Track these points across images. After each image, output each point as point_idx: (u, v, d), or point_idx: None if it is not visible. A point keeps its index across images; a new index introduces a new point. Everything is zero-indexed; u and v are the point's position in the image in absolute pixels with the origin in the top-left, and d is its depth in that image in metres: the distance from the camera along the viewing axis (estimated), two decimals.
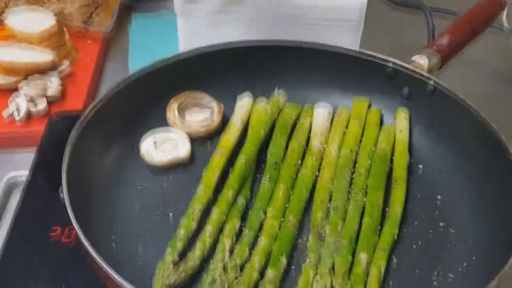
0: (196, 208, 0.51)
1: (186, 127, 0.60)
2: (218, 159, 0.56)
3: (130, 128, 0.59)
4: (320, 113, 0.63)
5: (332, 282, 0.46)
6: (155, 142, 0.57)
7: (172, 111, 0.61)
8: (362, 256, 0.47)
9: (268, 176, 0.55)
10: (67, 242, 0.53)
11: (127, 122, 0.59)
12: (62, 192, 0.49)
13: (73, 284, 0.49)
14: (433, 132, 0.59)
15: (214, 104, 0.63)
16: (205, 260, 0.48)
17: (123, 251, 0.49)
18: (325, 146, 0.59)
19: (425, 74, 0.58)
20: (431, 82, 0.58)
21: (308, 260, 0.48)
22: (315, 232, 0.50)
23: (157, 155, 0.57)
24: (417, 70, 0.59)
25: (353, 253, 0.48)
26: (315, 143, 0.59)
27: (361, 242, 0.49)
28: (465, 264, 0.49)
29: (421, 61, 0.59)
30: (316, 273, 0.46)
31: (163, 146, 0.58)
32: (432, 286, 0.48)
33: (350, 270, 0.47)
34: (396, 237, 0.50)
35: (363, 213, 0.52)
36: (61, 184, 0.49)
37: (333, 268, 0.47)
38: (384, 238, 0.50)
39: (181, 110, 0.62)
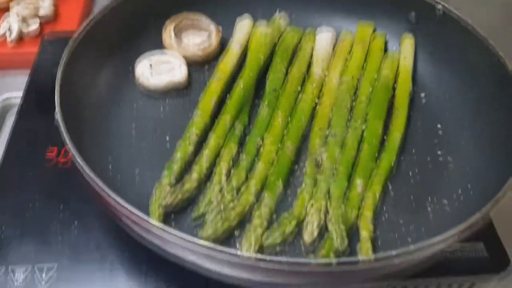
0: (192, 132, 0.50)
1: (182, 50, 0.58)
2: (215, 84, 0.54)
3: (125, 49, 0.57)
4: (323, 38, 0.61)
5: (326, 205, 0.46)
6: (150, 65, 0.56)
7: (168, 33, 0.59)
8: (358, 182, 0.47)
9: (266, 102, 0.54)
10: (63, 162, 0.53)
11: (121, 43, 0.57)
12: (56, 113, 0.49)
13: (70, 202, 0.49)
14: (439, 59, 0.58)
15: (212, 27, 0.61)
16: (202, 184, 0.48)
17: (119, 173, 0.49)
18: (326, 73, 0.58)
19: None
20: (439, 7, 0.56)
21: (304, 185, 0.48)
22: (312, 158, 0.50)
23: (152, 78, 0.55)
24: None
25: (350, 179, 0.48)
26: (316, 69, 0.58)
27: (358, 169, 0.49)
28: (460, 191, 0.49)
29: None
30: (311, 197, 0.47)
31: (159, 69, 0.56)
32: (426, 212, 0.48)
33: (345, 195, 0.47)
34: (393, 164, 0.50)
35: (361, 140, 0.51)
36: (55, 105, 0.49)
37: (328, 193, 0.47)
38: (381, 165, 0.49)
39: (178, 32, 0.60)
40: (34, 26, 0.74)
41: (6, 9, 0.75)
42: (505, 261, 0.46)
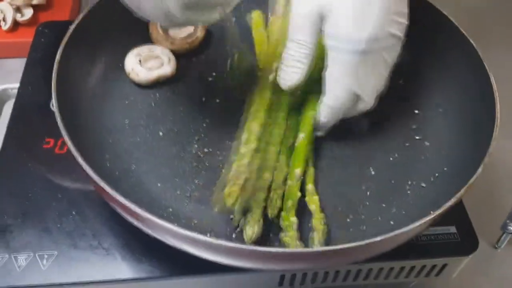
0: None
1: (170, 43, 0.60)
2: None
3: (116, 43, 0.58)
4: None
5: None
6: (140, 60, 0.58)
7: (154, 28, 0.60)
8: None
9: None
10: (59, 152, 0.55)
11: (113, 37, 0.58)
12: (53, 105, 0.50)
13: (68, 191, 0.52)
14: (415, 46, 0.59)
15: None
16: None
17: (116, 167, 0.51)
18: None
19: None
20: None
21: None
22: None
23: (142, 72, 0.57)
24: None
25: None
26: None
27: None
28: (437, 174, 0.51)
29: None
30: None
31: (148, 63, 0.58)
32: (405, 193, 0.51)
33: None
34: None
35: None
36: (51, 97, 0.50)
37: None
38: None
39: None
40: (28, 14, 0.75)
41: None
42: (475, 244, 0.49)
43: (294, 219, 0.46)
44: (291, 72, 0.50)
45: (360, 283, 0.51)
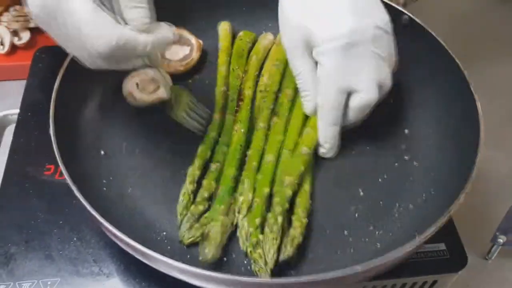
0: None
1: (166, 66, 0.61)
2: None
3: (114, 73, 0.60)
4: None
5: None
6: (137, 84, 0.59)
7: None
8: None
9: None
10: (60, 179, 0.57)
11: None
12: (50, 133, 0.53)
13: (69, 215, 0.54)
14: (405, 67, 0.61)
15: (194, 41, 0.64)
16: None
17: (112, 191, 0.53)
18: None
19: (399, 8, 0.59)
20: (406, 16, 0.59)
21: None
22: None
23: (139, 96, 0.58)
24: (392, 3, 0.59)
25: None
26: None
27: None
28: (424, 195, 0.53)
29: None
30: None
31: (145, 87, 0.59)
32: (393, 215, 0.52)
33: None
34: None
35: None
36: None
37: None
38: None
39: None
40: (25, 38, 0.77)
41: None
42: (464, 261, 0.51)
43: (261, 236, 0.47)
44: (305, 102, 0.55)
45: None
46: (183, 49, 0.64)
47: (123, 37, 0.45)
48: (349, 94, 0.51)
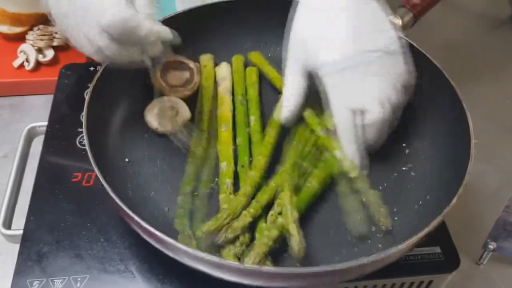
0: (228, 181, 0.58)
1: (174, 91, 0.66)
2: (226, 134, 0.63)
3: (135, 85, 0.66)
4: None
5: None
6: (157, 114, 0.63)
7: (156, 80, 0.65)
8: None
9: None
10: (87, 186, 0.62)
11: (132, 84, 0.66)
12: (80, 143, 0.59)
13: (96, 218, 0.59)
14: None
15: (192, 65, 0.68)
16: None
17: (137, 195, 0.58)
18: None
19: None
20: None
21: None
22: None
23: (168, 123, 0.62)
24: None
25: None
26: None
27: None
28: (420, 202, 0.58)
29: (395, 21, 0.64)
30: None
31: (166, 115, 0.63)
32: (393, 219, 0.57)
33: None
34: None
35: None
36: (76, 134, 0.60)
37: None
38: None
39: (163, 76, 0.67)
40: (49, 56, 0.82)
41: (21, 39, 0.84)
42: (457, 262, 0.56)
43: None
44: (283, 109, 0.60)
45: None
46: (184, 74, 0.68)
47: (129, 12, 0.48)
48: (362, 114, 0.55)
